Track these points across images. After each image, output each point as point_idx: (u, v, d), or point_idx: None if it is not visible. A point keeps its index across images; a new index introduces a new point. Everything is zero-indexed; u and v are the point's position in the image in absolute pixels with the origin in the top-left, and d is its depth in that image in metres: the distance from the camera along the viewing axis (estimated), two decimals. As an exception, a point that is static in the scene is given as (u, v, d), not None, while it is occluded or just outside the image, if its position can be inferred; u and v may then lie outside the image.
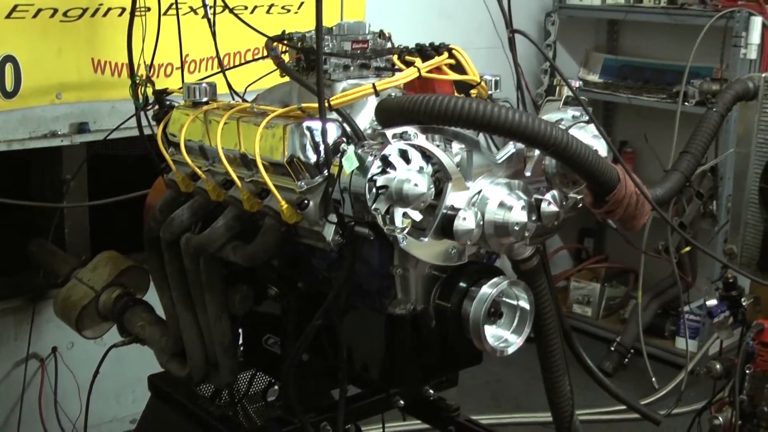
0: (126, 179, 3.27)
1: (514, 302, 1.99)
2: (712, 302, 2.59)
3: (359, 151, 1.79)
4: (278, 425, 2.32)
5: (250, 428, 2.51)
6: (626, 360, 4.77)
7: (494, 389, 4.57)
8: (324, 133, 1.90)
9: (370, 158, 1.76)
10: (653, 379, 4.56)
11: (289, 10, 3.81)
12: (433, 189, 1.81)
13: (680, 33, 4.74)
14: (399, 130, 1.81)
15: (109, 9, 3.29)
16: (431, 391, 2.54)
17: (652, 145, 4.76)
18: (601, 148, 2.04)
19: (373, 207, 1.77)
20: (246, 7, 3.68)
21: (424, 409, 2.57)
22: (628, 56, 5.33)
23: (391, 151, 1.78)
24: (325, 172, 1.91)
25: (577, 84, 2.13)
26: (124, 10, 3.27)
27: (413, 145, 1.81)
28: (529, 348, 2.14)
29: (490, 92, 2.18)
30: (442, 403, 2.55)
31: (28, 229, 3.57)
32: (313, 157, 1.93)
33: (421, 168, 1.81)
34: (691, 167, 2.27)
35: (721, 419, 2.57)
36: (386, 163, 1.77)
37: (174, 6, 2.98)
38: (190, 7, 3.34)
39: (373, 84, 1.98)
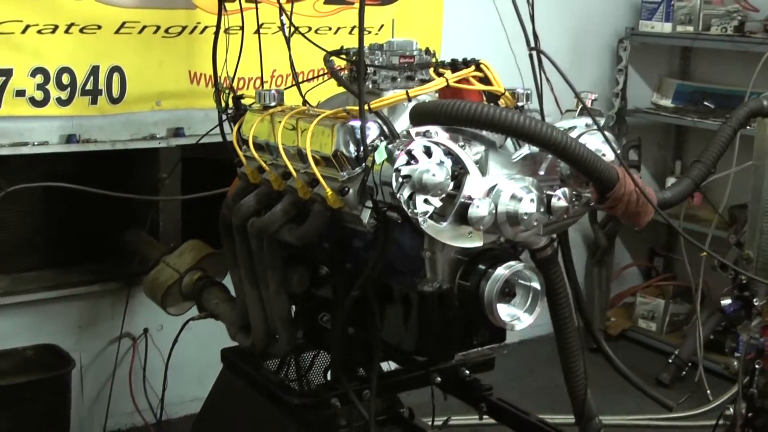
0: (215, 179, 3.60)
1: (528, 283, 2.26)
2: (726, 301, 2.80)
3: (389, 146, 2.10)
4: (327, 391, 2.64)
5: (302, 392, 2.82)
6: (683, 372, 4.89)
7: (553, 394, 4.75)
8: (362, 130, 2.23)
9: (397, 152, 2.07)
10: (708, 391, 4.69)
11: (369, 32, 4.07)
12: (450, 179, 2.09)
13: (745, 60, 4.89)
14: (422, 129, 2.11)
15: (205, 27, 3.63)
16: (467, 372, 2.84)
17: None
18: (609, 153, 2.30)
19: (398, 193, 2.07)
20: (330, 28, 4.02)
21: (459, 387, 2.85)
22: (699, 82, 5.47)
23: (415, 146, 2.08)
24: (363, 164, 2.24)
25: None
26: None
27: (435, 142, 2.11)
28: (593, 360, 2.41)
29: (521, 103, 2.45)
30: (476, 383, 2.83)
31: (128, 220, 3.89)
32: (353, 152, 2.26)
33: (441, 162, 2.10)
34: (702, 175, 2.50)
35: (731, 409, 2.76)
36: (411, 157, 2.07)
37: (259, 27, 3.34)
38: (279, 27, 3.68)
39: (407, 91, 2.31)
